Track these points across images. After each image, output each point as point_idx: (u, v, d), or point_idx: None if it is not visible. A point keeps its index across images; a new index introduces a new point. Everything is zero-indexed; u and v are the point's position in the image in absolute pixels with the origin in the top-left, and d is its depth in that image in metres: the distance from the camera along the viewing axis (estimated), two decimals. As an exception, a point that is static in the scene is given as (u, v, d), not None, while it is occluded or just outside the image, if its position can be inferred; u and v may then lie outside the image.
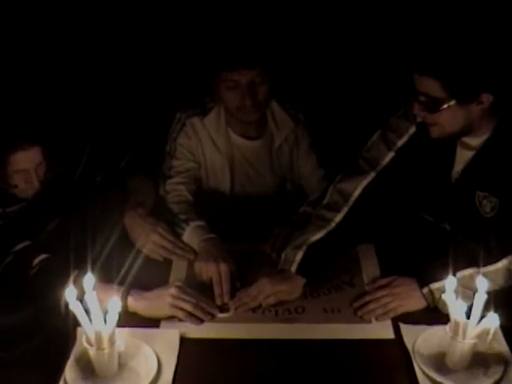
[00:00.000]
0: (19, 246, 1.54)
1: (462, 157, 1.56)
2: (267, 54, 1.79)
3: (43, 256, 1.52)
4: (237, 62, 1.73)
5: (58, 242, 1.68)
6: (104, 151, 1.84)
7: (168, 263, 1.70)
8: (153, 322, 1.46)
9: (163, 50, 2.51)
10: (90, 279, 1.26)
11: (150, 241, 1.68)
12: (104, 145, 1.87)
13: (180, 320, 1.46)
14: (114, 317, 1.22)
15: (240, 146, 1.96)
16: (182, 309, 1.46)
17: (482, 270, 1.45)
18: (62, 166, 1.70)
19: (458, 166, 1.58)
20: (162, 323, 1.46)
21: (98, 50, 2.48)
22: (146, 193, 1.84)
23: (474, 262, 1.46)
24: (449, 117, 1.44)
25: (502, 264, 1.45)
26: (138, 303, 1.46)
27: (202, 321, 1.47)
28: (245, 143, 1.96)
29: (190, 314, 1.46)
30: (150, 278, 1.60)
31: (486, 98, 1.41)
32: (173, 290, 1.48)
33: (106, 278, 1.46)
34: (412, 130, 1.61)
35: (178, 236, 1.75)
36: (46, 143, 1.56)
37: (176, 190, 1.87)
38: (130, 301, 1.46)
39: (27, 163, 1.53)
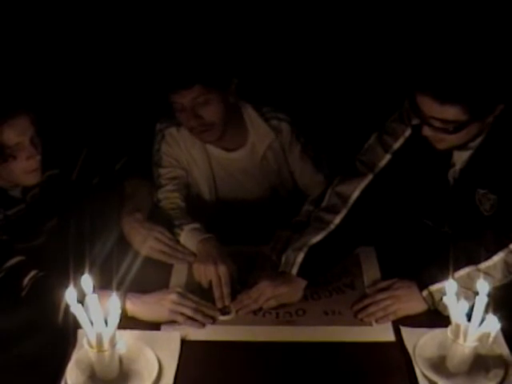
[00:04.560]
0: (10, 263, 1.50)
1: (460, 157, 1.56)
2: (205, 70, 1.65)
3: (33, 272, 1.48)
4: (174, 84, 1.65)
5: (54, 249, 1.68)
6: (100, 153, 1.82)
7: (168, 266, 1.70)
8: (154, 325, 1.46)
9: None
10: (89, 280, 1.26)
11: (147, 247, 1.67)
12: (100, 146, 1.85)
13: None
14: (114, 319, 1.22)
15: (218, 158, 1.89)
16: (182, 313, 1.46)
17: (479, 266, 1.45)
18: (56, 168, 1.69)
19: (457, 166, 1.58)
20: (163, 326, 1.46)
21: (94, 51, 2.48)
22: (143, 195, 1.82)
23: (470, 261, 1.47)
24: (464, 133, 1.42)
25: (498, 257, 1.45)
26: (137, 308, 1.46)
27: (203, 324, 1.47)
28: (223, 155, 1.89)
29: (190, 318, 1.46)
30: (151, 281, 1.60)
31: (499, 107, 1.40)
32: (173, 296, 1.47)
33: (105, 281, 1.44)
34: (408, 132, 1.61)
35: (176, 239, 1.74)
36: (33, 109, 1.51)
37: (168, 198, 1.85)
38: (129, 305, 1.45)
39: (19, 134, 1.47)
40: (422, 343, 1.36)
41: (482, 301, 1.25)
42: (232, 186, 1.96)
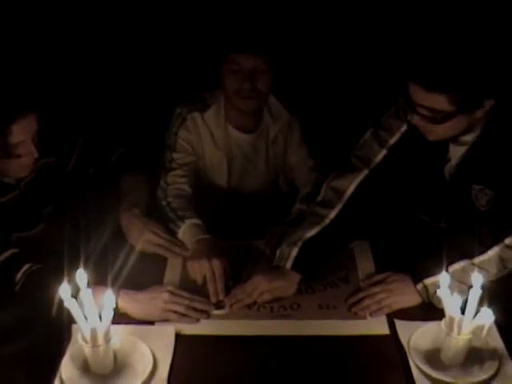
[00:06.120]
0: (3, 256, 1.49)
1: (456, 152, 1.57)
2: (276, 44, 1.81)
3: (27, 266, 1.47)
4: (245, 45, 1.75)
5: (49, 241, 1.67)
6: (96, 143, 1.81)
7: (163, 260, 1.70)
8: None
9: (162, 41, 2.51)
10: (84, 275, 1.25)
11: (144, 240, 1.67)
12: (96, 137, 1.84)
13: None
14: (109, 314, 1.22)
15: (238, 140, 1.98)
16: (174, 311, 1.46)
17: (474, 260, 1.46)
18: (53, 156, 1.68)
19: (452, 161, 1.59)
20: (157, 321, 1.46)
21: (95, 41, 2.48)
22: (141, 191, 1.82)
23: (465, 255, 1.47)
24: (451, 125, 1.43)
25: (492, 252, 1.46)
26: (128, 305, 1.45)
27: (196, 320, 1.47)
28: (242, 137, 1.97)
29: (183, 315, 1.46)
30: (145, 275, 1.60)
31: (489, 103, 1.41)
32: (165, 296, 1.47)
33: (99, 277, 1.42)
34: (404, 128, 1.62)
35: (173, 233, 1.74)
36: (41, 108, 1.51)
37: (177, 183, 1.87)
38: (121, 303, 1.44)
39: (26, 132, 1.47)
40: (416, 336, 1.36)
41: (475, 293, 1.25)
42: (245, 169, 2.03)
